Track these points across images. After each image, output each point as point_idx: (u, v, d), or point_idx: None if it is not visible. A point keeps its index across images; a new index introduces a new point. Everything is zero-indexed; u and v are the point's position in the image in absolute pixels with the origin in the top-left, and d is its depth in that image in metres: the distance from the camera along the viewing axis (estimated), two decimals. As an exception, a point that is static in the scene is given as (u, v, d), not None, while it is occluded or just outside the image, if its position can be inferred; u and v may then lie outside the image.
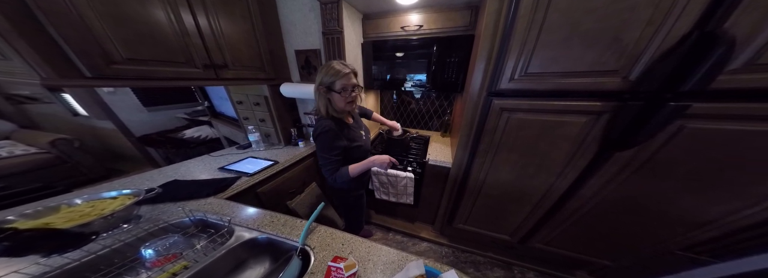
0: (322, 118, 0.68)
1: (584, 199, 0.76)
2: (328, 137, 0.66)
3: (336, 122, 0.68)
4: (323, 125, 0.66)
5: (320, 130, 0.66)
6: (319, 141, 0.67)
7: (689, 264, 0.74)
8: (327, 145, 0.66)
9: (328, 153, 0.67)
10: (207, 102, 2.30)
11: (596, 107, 0.59)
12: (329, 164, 0.68)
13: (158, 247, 0.52)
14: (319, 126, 0.66)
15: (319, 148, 0.68)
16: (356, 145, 0.72)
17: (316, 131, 0.66)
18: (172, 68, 0.70)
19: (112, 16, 0.55)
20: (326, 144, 0.66)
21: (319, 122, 0.67)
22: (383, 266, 0.48)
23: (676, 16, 0.45)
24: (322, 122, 0.66)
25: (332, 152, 0.67)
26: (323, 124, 0.66)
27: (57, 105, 2.18)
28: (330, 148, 0.67)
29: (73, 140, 1.91)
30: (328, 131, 0.65)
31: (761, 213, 0.58)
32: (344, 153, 0.70)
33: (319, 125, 0.66)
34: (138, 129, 2.25)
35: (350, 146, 0.71)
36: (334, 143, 0.67)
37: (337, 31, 0.94)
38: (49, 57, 0.49)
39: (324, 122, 0.66)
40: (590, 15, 0.50)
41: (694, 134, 0.54)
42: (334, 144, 0.67)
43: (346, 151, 0.70)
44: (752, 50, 0.43)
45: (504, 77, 0.65)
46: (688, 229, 0.68)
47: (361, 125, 0.83)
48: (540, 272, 1.10)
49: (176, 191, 0.77)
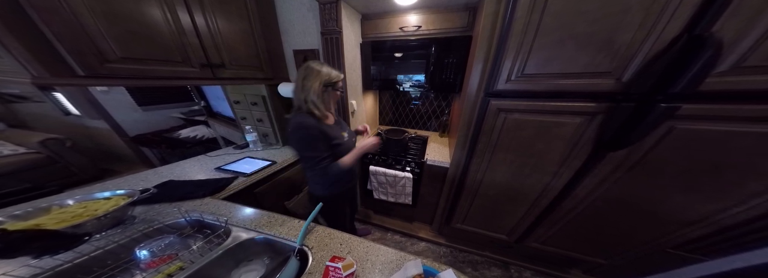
0: (301, 114, 0.62)
1: (579, 199, 0.77)
2: (315, 130, 0.60)
3: (316, 120, 0.64)
4: (305, 120, 0.60)
5: (304, 125, 0.60)
6: (304, 137, 0.61)
7: (680, 262, 0.76)
8: (315, 138, 0.61)
9: (313, 150, 0.62)
10: (204, 102, 2.27)
11: (590, 107, 0.61)
12: (319, 160, 0.63)
13: (153, 248, 0.51)
14: (302, 122, 0.60)
15: (305, 145, 0.62)
16: (336, 143, 0.67)
17: (299, 126, 0.60)
18: (168, 67, 0.69)
19: (106, 13, 0.54)
20: (314, 138, 0.61)
21: (300, 118, 0.61)
22: (381, 266, 0.49)
23: (666, 20, 0.46)
24: (304, 118, 0.61)
25: (318, 147, 0.62)
26: (305, 119, 0.60)
27: (48, 104, 2.13)
28: (316, 141, 0.62)
29: (65, 139, 1.87)
30: (311, 126, 0.60)
31: (748, 212, 0.59)
32: (329, 149, 0.65)
33: (301, 121, 0.60)
34: (132, 129, 2.21)
35: (331, 143, 0.66)
36: (318, 138, 0.62)
37: (335, 32, 0.94)
38: (40, 55, 0.48)
39: (307, 119, 0.61)
40: (584, 18, 0.51)
41: (683, 135, 0.55)
42: (320, 137, 0.62)
43: (330, 148, 0.66)
44: (738, 53, 0.45)
45: (501, 78, 0.66)
46: (678, 227, 0.70)
47: (344, 126, 0.80)
48: (536, 271, 1.11)
49: (172, 192, 0.76)
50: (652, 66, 0.50)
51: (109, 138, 2.15)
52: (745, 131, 0.51)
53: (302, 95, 0.61)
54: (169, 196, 0.73)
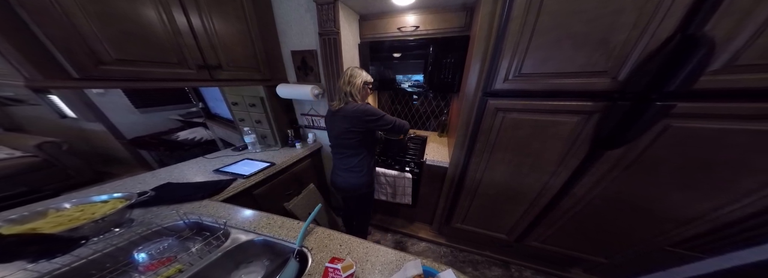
0: (352, 103, 0.79)
1: (577, 197, 0.78)
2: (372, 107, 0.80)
3: None
4: (364, 103, 0.80)
5: (368, 105, 0.79)
6: (374, 110, 0.78)
7: (679, 260, 0.77)
8: (378, 110, 0.80)
9: (384, 114, 0.80)
10: (201, 103, 2.26)
11: (587, 106, 0.61)
12: (391, 119, 0.81)
13: (152, 251, 0.51)
14: (364, 104, 0.78)
15: (376, 112, 0.78)
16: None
17: (366, 106, 0.77)
18: (164, 69, 0.69)
19: (100, 14, 0.53)
20: (377, 110, 0.80)
21: (359, 103, 0.79)
22: (381, 266, 0.49)
23: (659, 20, 0.47)
24: (363, 104, 0.79)
25: (382, 112, 0.80)
26: (364, 104, 0.80)
27: (43, 107, 2.11)
28: (380, 111, 0.80)
29: (61, 142, 1.85)
30: (369, 104, 0.80)
31: (742, 209, 0.60)
32: (369, 131, 0.83)
33: (364, 104, 0.78)
34: (130, 131, 2.20)
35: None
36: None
37: (333, 32, 0.94)
38: (33, 57, 0.47)
39: (364, 104, 0.80)
40: (579, 18, 0.52)
41: (679, 133, 0.56)
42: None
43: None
44: (731, 52, 0.45)
45: (498, 78, 0.66)
46: (676, 225, 0.70)
47: None
48: (537, 270, 1.11)
49: (170, 194, 0.76)
50: (646, 65, 0.51)
51: (106, 141, 2.13)
52: (739, 128, 0.51)
53: (348, 87, 0.78)
54: (167, 198, 0.73)
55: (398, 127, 0.83)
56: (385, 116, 0.80)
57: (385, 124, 0.80)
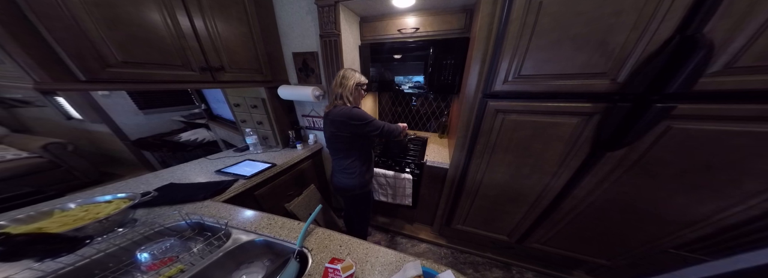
0: (341, 106, 0.77)
1: (578, 199, 0.77)
2: (361, 110, 0.79)
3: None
4: (353, 108, 0.77)
5: (356, 109, 0.76)
6: (361, 114, 0.76)
7: (682, 263, 0.76)
8: (366, 115, 0.78)
9: (373, 120, 0.78)
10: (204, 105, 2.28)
11: (587, 108, 0.61)
12: (379, 124, 0.79)
13: (154, 251, 0.51)
14: (352, 109, 0.76)
15: (363, 117, 0.76)
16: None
17: (352, 110, 0.75)
18: (168, 71, 0.70)
19: (107, 18, 0.55)
20: (365, 114, 0.78)
21: (347, 107, 0.76)
22: (381, 267, 0.49)
23: (658, 21, 0.47)
24: (350, 107, 0.76)
25: (370, 117, 0.78)
26: (352, 108, 0.77)
27: (50, 109, 2.15)
28: (368, 115, 0.78)
29: (67, 144, 1.88)
30: (357, 108, 0.78)
31: (745, 212, 0.59)
32: (364, 136, 0.81)
33: (350, 108, 0.76)
34: (133, 132, 2.22)
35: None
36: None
37: (334, 34, 0.95)
38: (42, 60, 0.48)
39: (352, 107, 0.77)
40: (579, 19, 0.52)
41: (680, 135, 0.56)
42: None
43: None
44: (730, 54, 0.45)
45: (498, 79, 0.66)
46: (679, 228, 0.70)
47: None
48: (538, 272, 1.11)
49: (172, 195, 0.77)
50: (646, 66, 0.51)
51: (111, 142, 2.16)
52: (740, 130, 0.51)
53: (339, 89, 0.77)
54: (170, 199, 0.74)
55: (387, 132, 0.80)
56: (373, 121, 0.77)
57: (373, 129, 0.77)
